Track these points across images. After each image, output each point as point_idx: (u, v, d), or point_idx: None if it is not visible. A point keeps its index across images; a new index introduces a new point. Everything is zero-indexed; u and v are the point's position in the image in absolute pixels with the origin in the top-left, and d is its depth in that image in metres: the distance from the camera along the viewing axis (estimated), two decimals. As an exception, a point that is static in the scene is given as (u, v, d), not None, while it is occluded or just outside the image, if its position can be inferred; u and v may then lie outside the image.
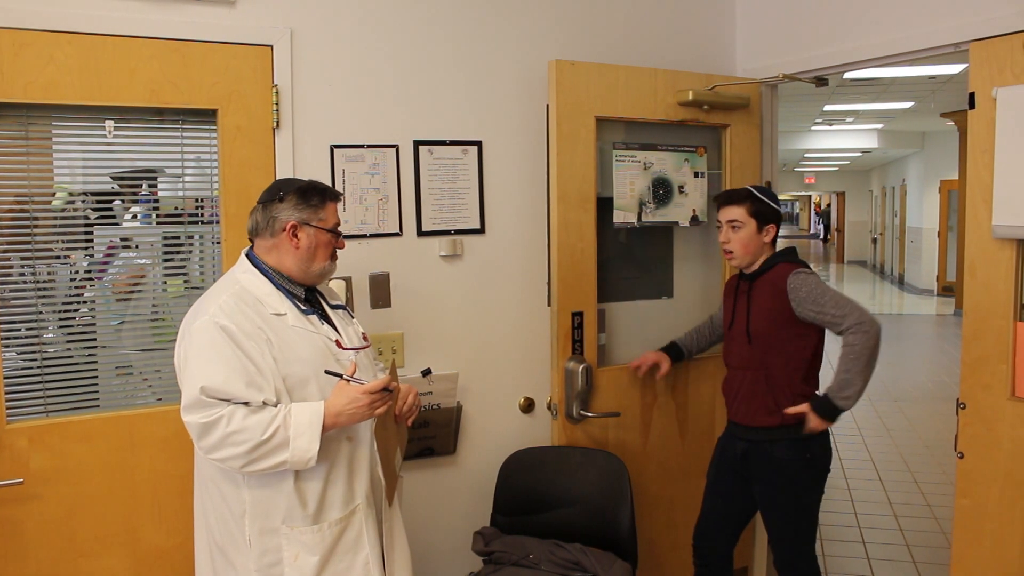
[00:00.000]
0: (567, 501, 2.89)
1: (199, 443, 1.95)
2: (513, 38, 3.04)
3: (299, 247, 2.08)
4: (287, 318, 2.04)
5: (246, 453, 1.91)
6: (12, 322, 2.42)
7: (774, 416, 2.71)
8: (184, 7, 2.52)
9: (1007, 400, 2.61)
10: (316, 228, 2.08)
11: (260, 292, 2.05)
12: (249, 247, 2.15)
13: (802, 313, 2.65)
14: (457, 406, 2.97)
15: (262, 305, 2.03)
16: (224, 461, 1.94)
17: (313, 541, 2.02)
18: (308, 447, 1.94)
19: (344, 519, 2.07)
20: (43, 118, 2.44)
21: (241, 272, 2.10)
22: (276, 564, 2.01)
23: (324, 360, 2.06)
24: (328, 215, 2.11)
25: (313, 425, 1.95)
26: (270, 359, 1.97)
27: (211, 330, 1.94)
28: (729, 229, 2.76)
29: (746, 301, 2.78)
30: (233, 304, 1.99)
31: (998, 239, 2.60)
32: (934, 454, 5.86)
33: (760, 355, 2.73)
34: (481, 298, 3.03)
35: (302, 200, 2.08)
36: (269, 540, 2.00)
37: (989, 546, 2.68)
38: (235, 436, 1.90)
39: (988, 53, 2.62)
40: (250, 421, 1.91)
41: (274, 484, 2.00)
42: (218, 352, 1.93)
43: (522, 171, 3.08)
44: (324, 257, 2.11)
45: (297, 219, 2.07)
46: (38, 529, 2.42)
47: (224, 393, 1.92)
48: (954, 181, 12.25)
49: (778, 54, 3.35)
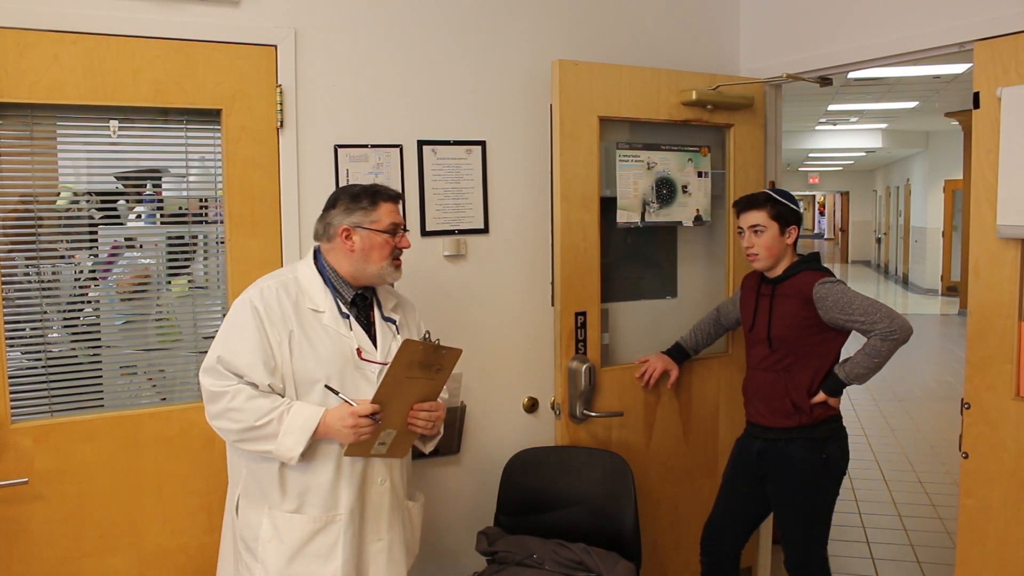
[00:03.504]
0: (571, 501, 2.89)
1: (206, 408, 2.08)
2: (517, 38, 3.04)
3: (354, 249, 2.16)
4: (323, 316, 2.14)
5: (238, 431, 2.04)
6: (17, 322, 2.42)
7: (791, 418, 2.71)
8: (188, 7, 2.53)
9: (1012, 400, 2.61)
10: (369, 230, 2.14)
11: (308, 286, 2.16)
12: (317, 245, 2.25)
13: (830, 319, 2.66)
14: (461, 406, 2.97)
15: (304, 298, 2.13)
16: (221, 431, 2.09)
17: (286, 527, 2.09)
18: (292, 447, 2.03)
19: (322, 520, 2.10)
20: (47, 118, 2.45)
21: (303, 264, 2.22)
22: (254, 539, 2.11)
23: (343, 365, 2.12)
24: (382, 216, 2.17)
25: (304, 429, 2.03)
26: (286, 350, 2.08)
27: (245, 307, 2.08)
28: (752, 234, 2.76)
29: (768, 305, 2.77)
30: (274, 290, 2.11)
31: (1003, 239, 2.60)
32: (938, 454, 5.86)
33: (782, 359, 2.73)
34: (485, 298, 3.03)
35: (353, 204, 2.16)
36: (252, 514, 2.12)
37: (993, 546, 2.67)
38: (233, 413, 2.03)
39: (993, 52, 2.61)
40: (250, 404, 2.02)
41: (265, 463, 2.10)
42: (243, 329, 2.06)
43: (526, 171, 3.08)
44: (380, 258, 2.17)
45: (349, 223, 2.15)
46: (43, 529, 2.42)
47: (236, 368, 2.04)
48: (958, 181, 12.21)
49: (782, 54, 3.35)
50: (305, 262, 2.22)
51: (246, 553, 2.12)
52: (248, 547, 2.11)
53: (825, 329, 2.68)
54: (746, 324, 2.88)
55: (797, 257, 2.80)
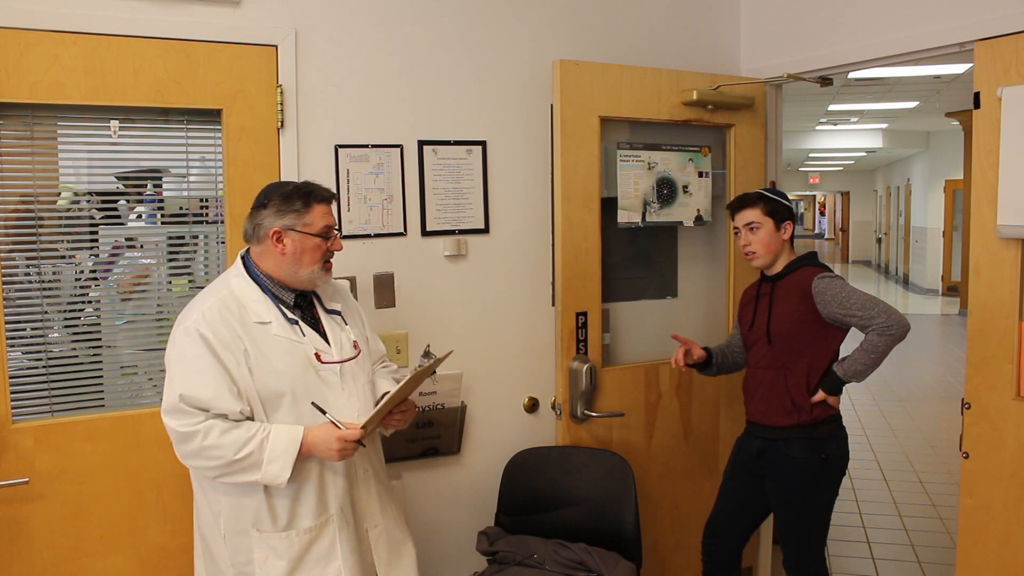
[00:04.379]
0: (571, 501, 2.89)
1: (177, 449, 1.99)
2: (517, 38, 3.04)
3: (285, 253, 2.06)
4: (271, 327, 2.05)
5: (218, 467, 1.96)
6: (17, 322, 2.42)
7: (791, 416, 2.71)
8: (189, 7, 2.53)
9: (1012, 400, 2.61)
10: (301, 233, 2.06)
11: (247, 299, 2.05)
12: (245, 249, 2.16)
13: (828, 314, 2.66)
14: (461, 406, 2.97)
15: (246, 312, 2.03)
16: (199, 470, 2.01)
17: (282, 546, 2.04)
18: (280, 473, 1.97)
19: (315, 528, 2.08)
20: (48, 118, 2.45)
21: (233, 276, 2.11)
22: (247, 563, 2.05)
23: (303, 373, 2.06)
24: (315, 219, 2.07)
25: (288, 453, 1.97)
26: (245, 370, 1.99)
27: (192, 337, 1.97)
28: (748, 232, 2.77)
29: (768, 302, 2.78)
30: (216, 312, 2.00)
31: (1003, 239, 2.60)
32: (939, 454, 5.86)
33: (781, 356, 2.74)
34: (485, 298, 3.03)
35: (285, 205, 2.05)
36: (241, 541, 2.05)
37: (994, 546, 2.67)
38: (210, 451, 1.94)
39: (993, 52, 2.61)
40: (225, 439, 1.93)
41: (246, 492, 2.03)
42: (197, 361, 1.96)
43: (526, 171, 3.08)
44: (311, 262, 2.08)
45: (280, 225, 2.05)
46: (43, 528, 2.42)
47: (201, 403, 1.94)
48: (959, 181, 12.21)
49: (783, 54, 3.35)
50: (235, 273, 2.10)
51: None
52: (242, 572, 2.05)
53: (824, 325, 2.68)
54: (745, 324, 2.88)
55: (795, 255, 2.81)
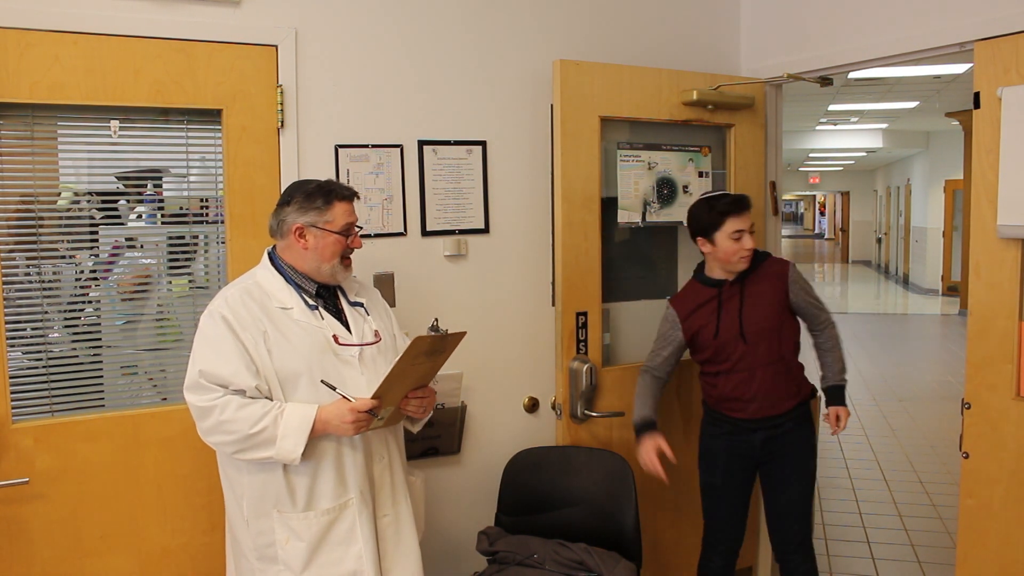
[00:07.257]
0: (571, 501, 2.89)
1: (198, 426, 2.07)
2: (518, 38, 3.04)
3: (307, 248, 2.16)
4: (293, 312, 2.14)
5: (235, 442, 2.02)
6: (18, 322, 2.42)
7: (794, 398, 2.85)
8: (189, 7, 2.53)
9: (1012, 400, 2.61)
10: (322, 230, 2.14)
11: (271, 287, 2.16)
12: (272, 246, 2.24)
13: (797, 300, 2.83)
14: (461, 406, 2.97)
15: (269, 299, 2.13)
16: (217, 445, 2.08)
17: (301, 527, 2.09)
18: (293, 449, 2.03)
19: (335, 510, 2.12)
20: (48, 118, 2.45)
21: (260, 268, 2.21)
22: (270, 545, 2.10)
23: (321, 355, 2.13)
24: (336, 216, 2.16)
25: (301, 429, 2.03)
26: (263, 350, 2.07)
27: (215, 319, 2.07)
28: (749, 235, 2.78)
29: (738, 303, 2.80)
30: (238, 297, 2.11)
31: (1003, 239, 2.60)
32: (939, 454, 5.85)
33: (769, 349, 2.79)
34: (485, 298, 3.03)
35: (307, 202, 2.15)
36: (263, 522, 2.11)
37: (994, 546, 2.67)
38: (226, 424, 2.01)
39: (993, 52, 2.61)
40: (241, 413, 2.01)
41: (267, 472, 2.10)
42: (218, 340, 2.06)
43: (526, 171, 3.08)
44: (331, 257, 2.16)
45: (302, 222, 2.15)
46: (43, 528, 2.42)
47: (220, 378, 2.03)
48: (959, 181, 12.21)
49: (783, 54, 3.35)
50: (262, 266, 2.21)
51: (263, 562, 2.11)
52: (264, 555, 2.11)
53: (788, 313, 2.84)
54: (707, 336, 2.82)
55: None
